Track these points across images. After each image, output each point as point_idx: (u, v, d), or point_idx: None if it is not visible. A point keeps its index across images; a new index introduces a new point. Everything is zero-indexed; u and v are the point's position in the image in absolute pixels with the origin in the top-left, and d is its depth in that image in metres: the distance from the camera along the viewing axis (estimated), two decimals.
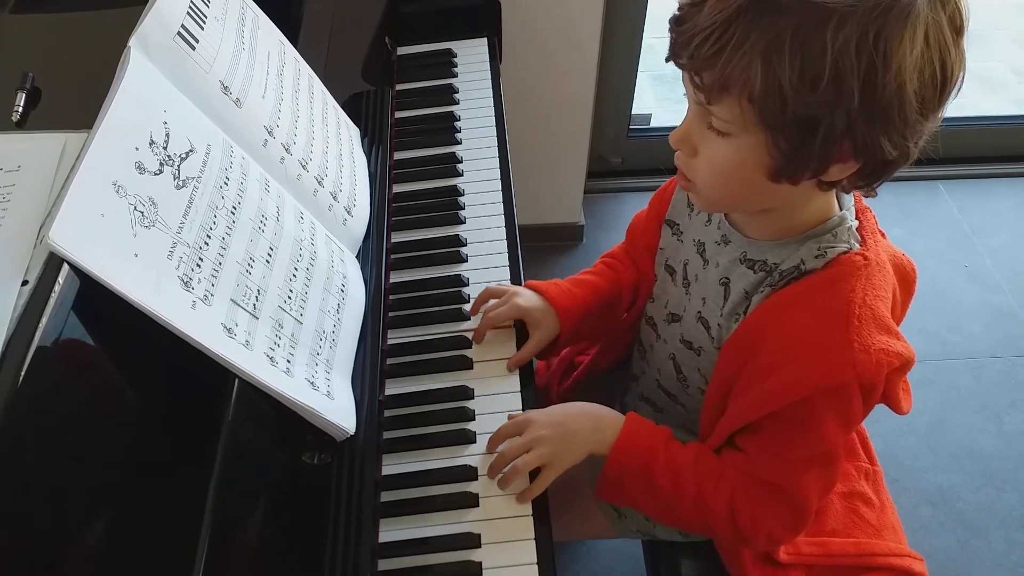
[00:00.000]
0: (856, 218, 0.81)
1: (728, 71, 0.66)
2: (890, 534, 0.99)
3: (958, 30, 0.66)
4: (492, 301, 0.97)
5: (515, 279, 1.03)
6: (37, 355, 0.57)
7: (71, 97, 0.84)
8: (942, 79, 0.66)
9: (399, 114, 1.21)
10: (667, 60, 0.73)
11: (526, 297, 0.97)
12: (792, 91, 0.64)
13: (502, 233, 1.07)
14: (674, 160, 0.78)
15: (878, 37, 0.62)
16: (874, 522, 0.99)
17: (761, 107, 0.66)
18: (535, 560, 0.79)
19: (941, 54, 0.65)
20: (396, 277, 1.02)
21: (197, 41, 0.77)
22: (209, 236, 0.70)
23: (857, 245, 0.79)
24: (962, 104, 2.72)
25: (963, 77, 0.68)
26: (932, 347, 1.87)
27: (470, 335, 0.97)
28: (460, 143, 1.18)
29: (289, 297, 0.78)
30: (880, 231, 0.84)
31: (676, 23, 0.70)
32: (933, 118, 0.69)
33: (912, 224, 2.12)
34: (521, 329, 0.97)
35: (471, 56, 1.30)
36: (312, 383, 0.76)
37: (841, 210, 0.81)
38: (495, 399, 0.91)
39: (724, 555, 0.97)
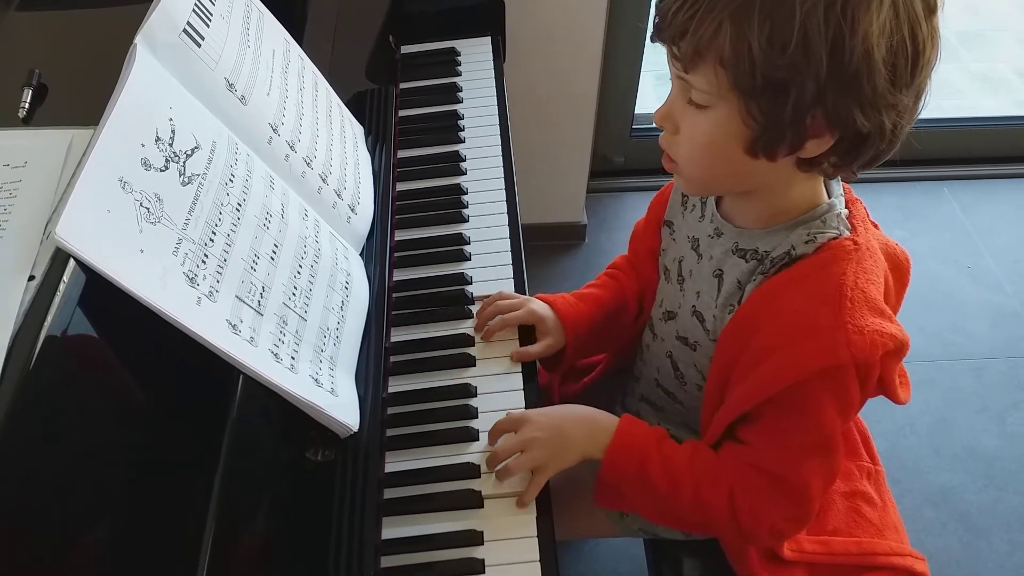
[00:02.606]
0: (846, 207, 0.82)
1: (699, 36, 0.68)
2: (892, 534, 0.99)
3: (931, 8, 0.68)
4: (505, 302, 0.97)
5: (518, 278, 1.03)
6: (43, 350, 0.57)
7: (77, 94, 0.85)
8: (912, 51, 0.67)
9: (403, 112, 1.21)
10: (652, 40, 0.75)
11: (539, 306, 0.98)
12: (761, 55, 0.66)
13: (505, 232, 1.07)
14: (659, 140, 0.80)
15: (846, 3, 0.64)
16: (876, 522, 0.99)
17: (733, 72, 0.68)
18: (537, 557, 0.79)
19: (911, 25, 0.66)
20: (399, 275, 1.03)
21: (202, 38, 0.78)
22: (214, 233, 0.71)
23: (847, 231, 0.80)
24: (965, 105, 2.71)
25: (938, 55, 0.69)
26: (934, 348, 1.87)
27: (473, 333, 0.97)
28: (463, 142, 1.18)
29: (293, 294, 0.78)
30: (872, 222, 0.85)
31: (659, 2, 0.73)
32: (908, 94, 0.69)
33: (915, 225, 2.12)
34: (524, 333, 0.98)
35: (475, 55, 1.30)
36: (316, 380, 0.76)
37: (830, 198, 0.81)
38: (497, 397, 0.92)
39: (729, 553, 0.97)
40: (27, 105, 0.81)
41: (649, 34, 0.75)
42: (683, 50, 0.70)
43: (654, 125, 0.80)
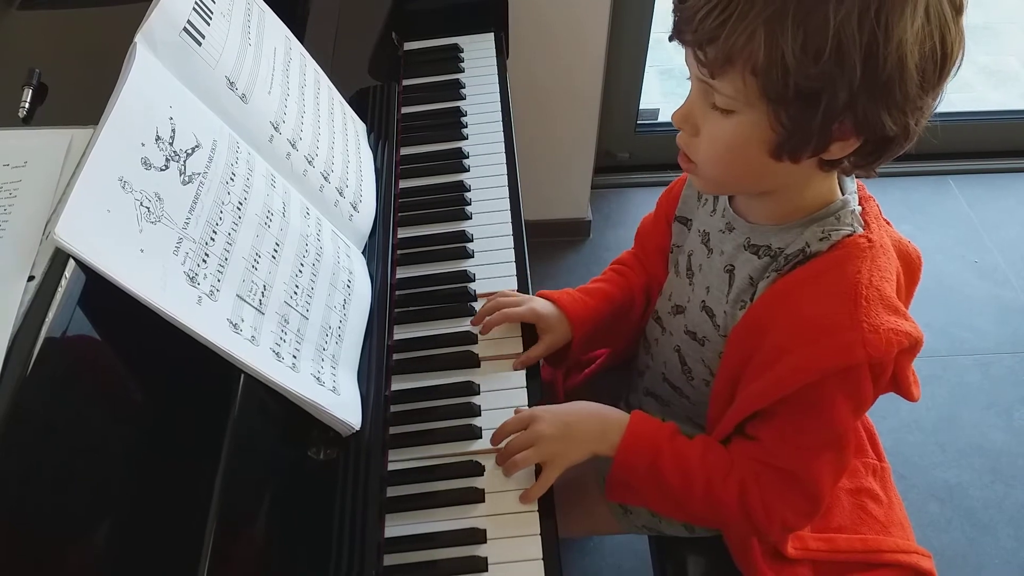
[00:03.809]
0: (859, 204, 0.81)
1: (731, 43, 0.66)
2: (898, 531, 0.99)
3: (958, 9, 0.67)
4: (506, 299, 0.97)
5: (521, 275, 1.02)
6: (43, 350, 0.57)
7: (77, 93, 0.85)
8: (942, 55, 0.66)
9: (405, 109, 1.21)
10: (671, 39, 0.73)
11: (541, 304, 0.98)
12: (795, 63, 0.64)
13: (508, 229, 1.07)
14: (676, 140, 0.78)
15: (880, 10, 0.63)
16: (882, 518, 0.99)
17: (764, 80, 0.66)
18: (540, 555, 0.79)
19: (941, 30, 0.65)
20: (402, 273, 1.02)
21: (203, 37, 0.77)
22: (215, 232, 0.70)
23: (860, 228, 0.79)
24: (972, 98, 2.69)
25: (963, 55, 0.68)
26: (941, 343, 1.86)
27: (476, 331, 0.97)
28: (467, 139, 1.17)
29: (295, 293, 0.78)
30: (885, 219, 0.84)
31: (680, 0, 0.71)
32: (933, 95, 0.69)
33: (921, 219, 2.11)
34: (528, 332, 0.97)
35: (478, 51, 1.30)
36: (318, 378, 0.76)
37: (844, 195, 0.81)
38: (500, 395, 0.91)
39: (734, 550, 0.97)
40: (27, 105, 0.81)
41: (668, 34, 0.73)
42: (711, 56, 0.68)
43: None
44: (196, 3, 0.78)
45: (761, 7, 0.64)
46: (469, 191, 1.11)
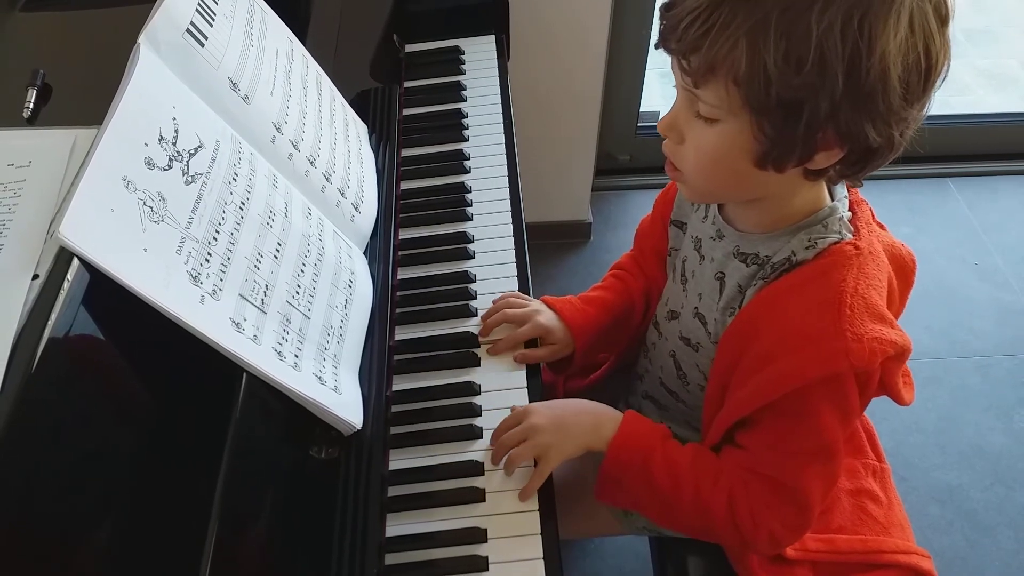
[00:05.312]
0: (850, 210, 0.81)
1: (714, 53, 0.66)
2: (898, 532, 0.99)
3: (943, 19, 0.67)
4: (512, 311, 0.97)
5: (522, 276, 1.03)
6: (47, 349, 0.57)
7: (81, 94, 0.85)
8: (926, 66, 0.66)
9: (407, 111, 1.22)
10: (656, 47, 0.73)
11: (546, 316, 0.98)
12: (777, 73, 0.64)
13: (509, 230, 1.07)
14: (663, 148, 0.78)
15: (863, 21, 0.63)
16: (882, 519, 0.99)
17: (746, 89, 0.66)
18: (541, 555, 0.79)
19: (925, 41, 0.65)
20: (403, 273, 1.03)
21: (206, 38, 0.78)
22: (218, 231, 0.71)
23: (849, 235, 0.79)
24: (972, 101, 2.69)
25: (948, 66, 0.68)
26: (941, 345, 1.86)
27: (476, 331, 0.97)
28: (468, 140, 1.18)
29: (297, 292, 0.79)
30: (878, 223, 0.84)
31: (666, 9, 0.71)
32: (918, 106, 0.69)
33: (921, 221, 2.12)
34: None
35: (479, 53, 1.30)
36: (319, 378, 0.77)
37: (832, 201, 0.81)
38: (501, 395, 0.92)
39: (730, 553, 0.97)
40: (31, 105, 0.81)
41: (654, 41, 0.74)
42: (694, 65, 0.69)
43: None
44: (199, 4, 0.79)
45: (744, 17, 0.65)
46: (470, 192, 1.11)
